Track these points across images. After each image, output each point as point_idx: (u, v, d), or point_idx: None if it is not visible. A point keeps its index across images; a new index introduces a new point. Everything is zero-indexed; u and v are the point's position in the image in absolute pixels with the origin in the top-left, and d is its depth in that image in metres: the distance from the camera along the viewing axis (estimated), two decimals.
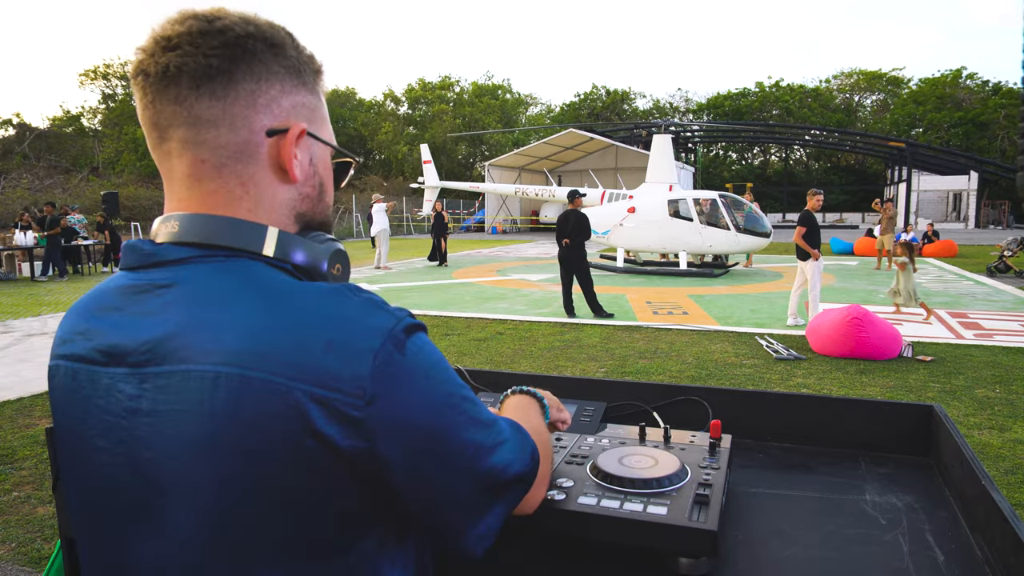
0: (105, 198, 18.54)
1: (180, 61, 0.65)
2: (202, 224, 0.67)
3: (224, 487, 0.60)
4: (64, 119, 48.88)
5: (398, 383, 0.61)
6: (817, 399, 1.38)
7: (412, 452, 0.63)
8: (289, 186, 0.72)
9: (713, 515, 0.89)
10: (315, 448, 0.59)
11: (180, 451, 0.61)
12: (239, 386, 0.58)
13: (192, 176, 0.68)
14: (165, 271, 0.67)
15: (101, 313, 0.69)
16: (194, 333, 0.61)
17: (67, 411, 0.70)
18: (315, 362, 0.59)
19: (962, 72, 48.60)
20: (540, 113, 59.48)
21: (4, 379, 6.09)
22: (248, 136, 0.68)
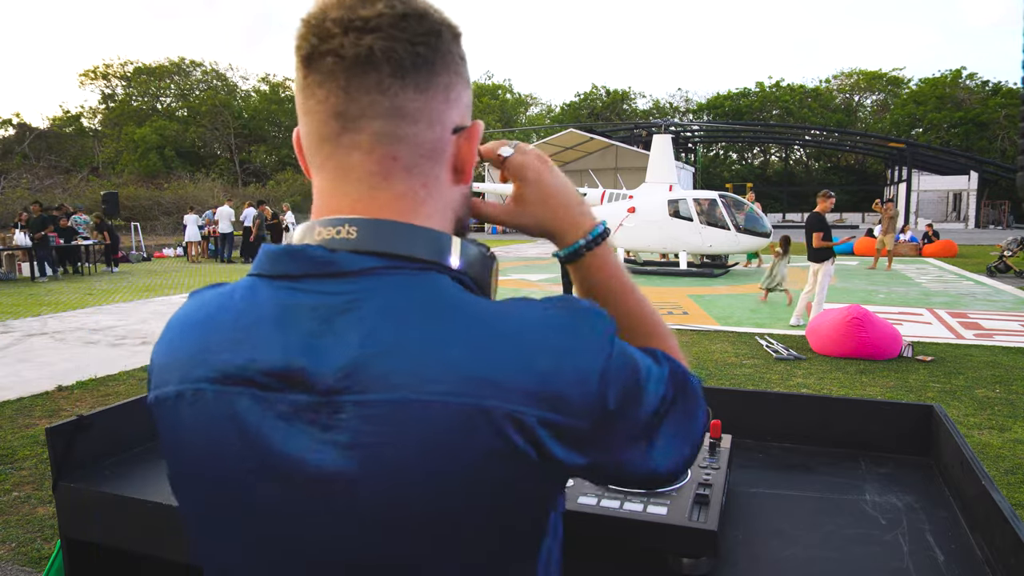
0: (105, 198, 18.54)
1: (386, 45, 0.57)
2: (387, 231, 0.59)
3: (456, 527, 0.55)
4: (64, 119, 48.91)
5: (612, 394, 0.57)
6: (817, 399, 1.38)
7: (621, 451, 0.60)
8: (458, 187, 0.66)
9: (713, 515, 0.89)
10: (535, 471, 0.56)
11: (400, 493, 0.54)
12: (471, 415, 0.53)
13: (379, 175, 0.60)
14: (345, 283, 0.57)
15: (259, 328, 0.58)
16: (403, 357, 0.54)
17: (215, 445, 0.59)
18: (541, 386, 0.54)
19: (962, 72, 48.64)
20: (540, 113, 59.53)
21: (4, 379, 6.09)
22: (441, 134, 0.62)
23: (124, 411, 1.39)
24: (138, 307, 10.60)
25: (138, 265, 19.03)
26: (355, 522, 0.55)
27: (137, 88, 49.24)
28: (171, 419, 0.61)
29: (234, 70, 58.66)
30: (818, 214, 8.16)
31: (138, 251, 20.85)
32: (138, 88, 49.21)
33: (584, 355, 0.56)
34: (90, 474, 1.28)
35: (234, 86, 52.40)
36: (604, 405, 0.56)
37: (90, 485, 1.24)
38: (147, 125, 43.90)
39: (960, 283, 12.62)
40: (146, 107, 48.78)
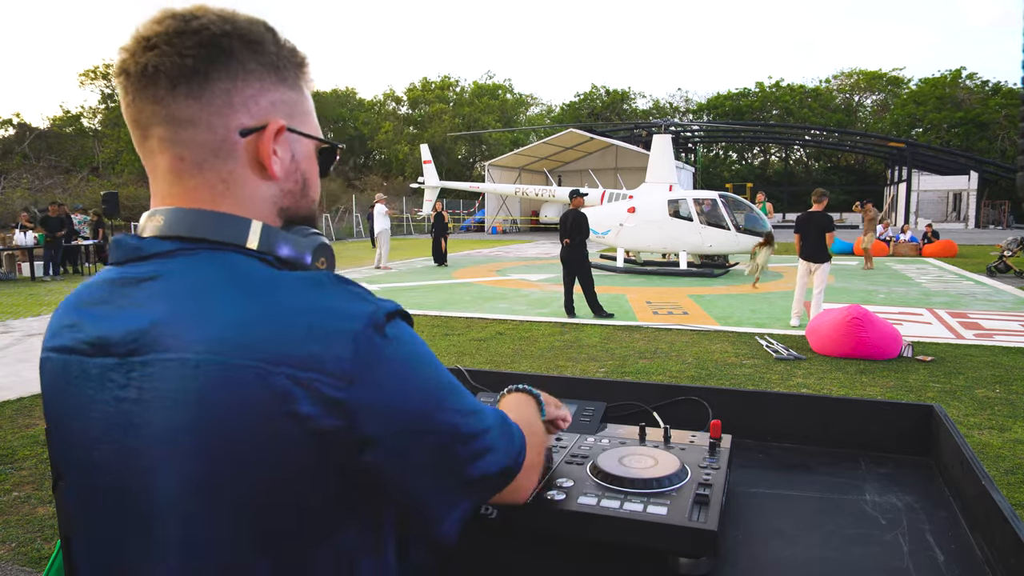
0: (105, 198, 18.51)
1: (157, 61, 0.66)
2: (186, 218, 0.68)
3: (207, 475, 0.61)
4: (64, 119, 48.88)
5: (379, 365, 0.62)
6: (817, 399, 1.38)
7: (391, 434, 0.63)
8: (270, 182, 0.72)
9: (713, 515, 0.89)
10: (296, 430, 0.60)
11: (165, 438, 0.62)
12: (220, 373, 0.60)
13: (173, 172, 0.69)
14: (150, 264, 0.68)
15: (89, 306, 0.70)
16: (177, 323, 0.63)
17: (59, 402, 0.71)
18: (297, 347, 0.60)
19: (962, 72, 48.61)
20: (540, 113, 59.48)
21: (4, 379, 6.09)
22: (225, 135, 0.68)
23: None
24: None
25: None
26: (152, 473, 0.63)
27: None
28: (41, 381, 0.75)
29: None
30: (827, 214, 8.15)
31: None
32: None
33: (339, 323, 0.61)
34: None
35: None
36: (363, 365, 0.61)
37: None
38: None
39: (960, 283, 12.62)
40: None
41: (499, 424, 0.74)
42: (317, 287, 0.64)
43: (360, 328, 0.62)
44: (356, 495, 0.65)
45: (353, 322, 0.62)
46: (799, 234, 8.16)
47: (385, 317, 0.64)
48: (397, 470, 0.65)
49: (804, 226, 8.12)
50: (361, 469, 0.63)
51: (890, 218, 30.26)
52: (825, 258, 8.03)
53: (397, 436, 0.64)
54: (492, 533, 0.98)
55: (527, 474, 0.80)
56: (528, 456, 0.80)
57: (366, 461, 0.63)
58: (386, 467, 0.64)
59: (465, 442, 0.68)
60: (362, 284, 0.67)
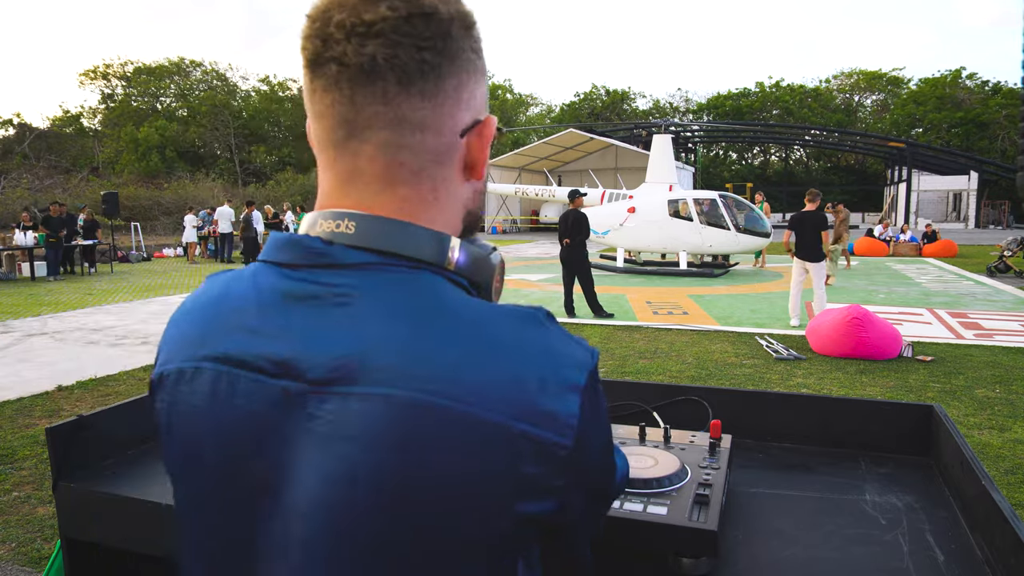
0: (105, 198, 18.53)
1: (389, 53, 0.56)
2: (386, 229, 0.59)
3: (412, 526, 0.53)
4: (64, 119, 48.88)
5: (594, 421, 0.58)
6: (817, 399, 1.38)
7: (591, 485, 0.61)
8: (470, 183, 0.65)
9: (713, 515, 0.89)
10: (523, 489, 0.53)
11: (368, 486, 0.53)
12: (451, 419, 0.52)
13: (385, 180, 0.60)
14: (340, 275, 0.57)
15: (259, 313, 0.59)
16: (392, 354, 0.53)
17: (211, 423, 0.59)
18: (530, 399, 0.53)
19: (962, 72, 48.63)
20: (540, 113, 59.50)
21: (4, 379, 6.09)
22: (451, 139, 0.61)
23: (124, 411, 1.39)
24: (138, 307, 10.60)
25: (138, 265, 19.03)
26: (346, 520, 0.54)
27: (137, 88, 49.19)
28: (169, 395, 0.62)
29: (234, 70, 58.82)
30: (822, 213, 8.16)
31: (138, 251, 20.84)
32: (138, 88, 49.16)
33: (568, 375, 0.56)
34: (90, 474, 1.28)
35: (234, 86, 52.37)
36: (584, 423, 0.56)
37: (90, 485, 1.24)
38: (147, 125, 43.90)
39: (960, 283, 12.62)
40: (146, 107, 48.74)
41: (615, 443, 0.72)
42: (536, 326, 0.57)
43: (586, 382, 0.56)
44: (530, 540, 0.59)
45: (580, 374, 0.56)
46: (793, 232, 8.17)
47: (597, 366, 0.59)
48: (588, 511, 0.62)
49: (798, 225, 8.13)
50: (560, 517, 0.58)
51: (890, 218, 30.25)
52: (820, 256, 8.05)
53: (595, 488, 0.62)
54: None
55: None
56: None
57: (567, 510, 0.58)
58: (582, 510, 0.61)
59: (615, 474, 0.68)
60: None
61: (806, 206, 8.25)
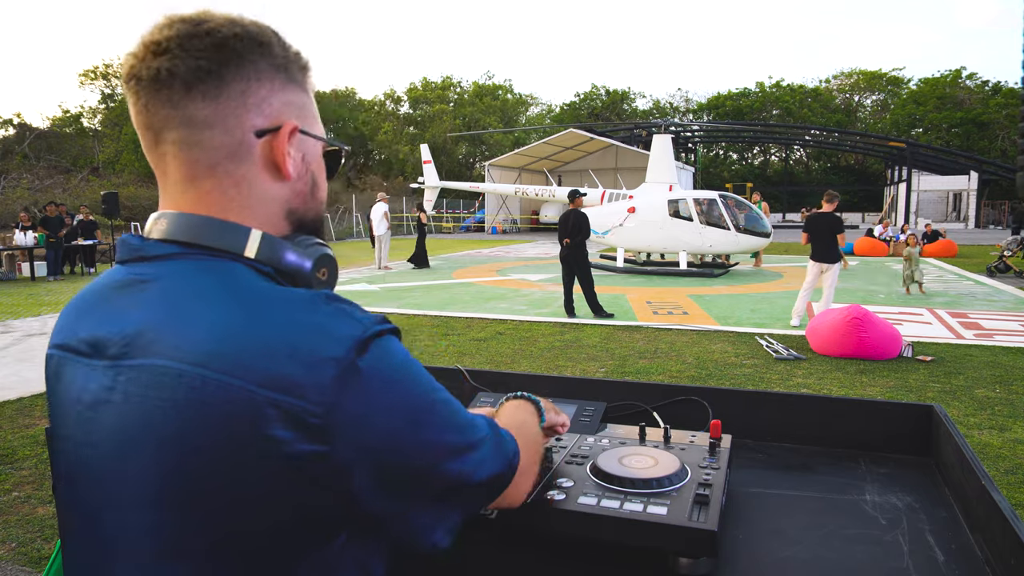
0: (105, 198, 18.51)
1: (171, 64, 0.66)
2: (189, 223, 0.68)
3: (178, 482, 0.61)
4: (64, 119, 48.88)
5: (361, 389, 0.61)
6: (817, 399, 1.38)
7: (375, 455, 0.62)
8: (282, 184, 0.72)
9: (713, 515, 0.89)
10: (269, 451, 0.59)
11: (142, 443, 0.62)
12: (200, 386, 0.59)
13: (187, 177, 0.69)
14: (149, 266, 0.68)
15: (92, 305, 0.71)
16: (168, 329, 0.63)
17: (55, 400, 0.72)
18: (278, 368, 0.59)
19: (962, 72, 48.62)
20: (540, 113, 59.48)
21: (4, 379, 6.09)
22: (241, 136, 0.69)
23: None
24: None
25: None
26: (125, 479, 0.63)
27: None
28: (45, 377, 0.76)
29: None
30: (836, 215, 8.13)
31: None
32: None
33: (323, 347, 0.60)
34: None
35: None
36: (343, 392, 0.60)
37: None
38: None
39: (960, 283, 12.62)
40: None
41: (491, 434, 0.74)
42: (307, 304, 0.64)
43: (343, 353, 0.61)
44: (340, 514, 0.63)
45: (337, 346, 0.61)
46: (809, 234, 8.13)
47: (372, 337, 0.63)
48: (380, 490, 0.64)
49: (814, 227, 8.08)
50: (343, 491, 0.62)
51: (890, 218, 30.24)
52: (836, 258, 8.02)
53: (382, 456, 0.63)
54: (491, 534, 0.98)
55: (522, 478, 0.81)
56: (522, 461, 0.80)
57: (348, 484, 0.62)
58: (370, 488, 0.63)
59: (455, 455, 0.68)
60: (362, 284, 0.66)
61: (823, 207, 8.21)
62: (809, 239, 8.13)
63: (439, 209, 35.34)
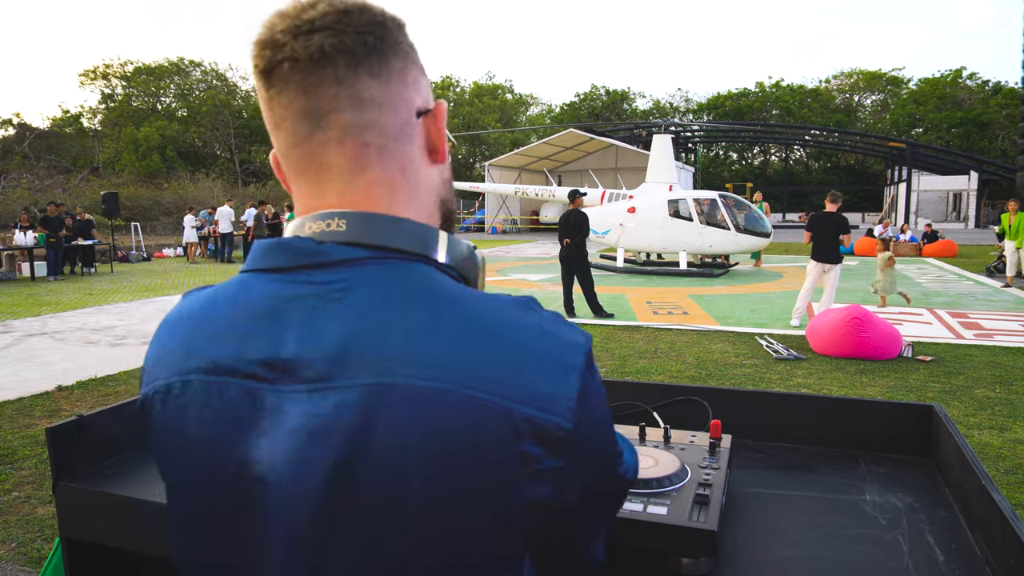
0: (105, 198, 18.52)
1: (335, 40, 0.60)
2: (375, 224, 0.61)
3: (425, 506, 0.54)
4: (64, 119, 48.87)
5: (592, 403, 0.59)
6: (817, 399, 1.38)
7: (590, 471, 0.61)
8: (437, 168, 0.68)
9: (713, 515, 0.89)
10: (521, 470, 0.55)
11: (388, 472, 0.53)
12: (454, 402, 0.53)
13: (354, 165, 0.62)
14: (335, 272, 0.58)
15: (249, 320, 0.59)
16: (392, 342, 0.54)
17: (206, 435, 0.59)
18: (528, 381, 0.55)
19: (962, 72, 48.64)
20: (540, 113, 59.49)
21: (4, 379, 6.09)
22: (407, 117, 0.64)
23: (124, 411, 1.39)
24: (138, 307, 10.60)
25: (138, 265, 19.03)
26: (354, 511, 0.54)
27: (137, 88, 49.16)
28: (160, 412, 0.62)
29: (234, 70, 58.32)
30: (840, 215, 8.11)
31: (138, 251, 20.85)
32: (138, 88, 49.12)
33: (565, 357, 0.57)
34: (90, 474, 1.28)
35: (234, 86, 52.32)
36: (583, 404, 0.57)
37: (90, 485, 1.24)
38: (147, 125, 43.89)
39: (960, 283, 12.62)
40: (146, 107, 48.72)
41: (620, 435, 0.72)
42: (529, 311, 0.59)
43: (583, 364, 0.58)
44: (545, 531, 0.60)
45: (576, 356, 0.58)
46: (812, 234, 8.11)
47: (588, 352, 0.60)
48: (586, 497, 0.62)
49: (818, 227, 8.06)
50: (561, 503, 0.59)
51: (890, 218, 30.24)
52: (838, 259, 8.01)
53: (593, 468, 0.62)
54: None
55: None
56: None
57: (566, 495, 0.59)
58: (579, 496, 0.61)
59: (620, 457, 0.68)
60: None
61: (827, 207, 8.19)
62: (811, 239, 8.12)
63: None
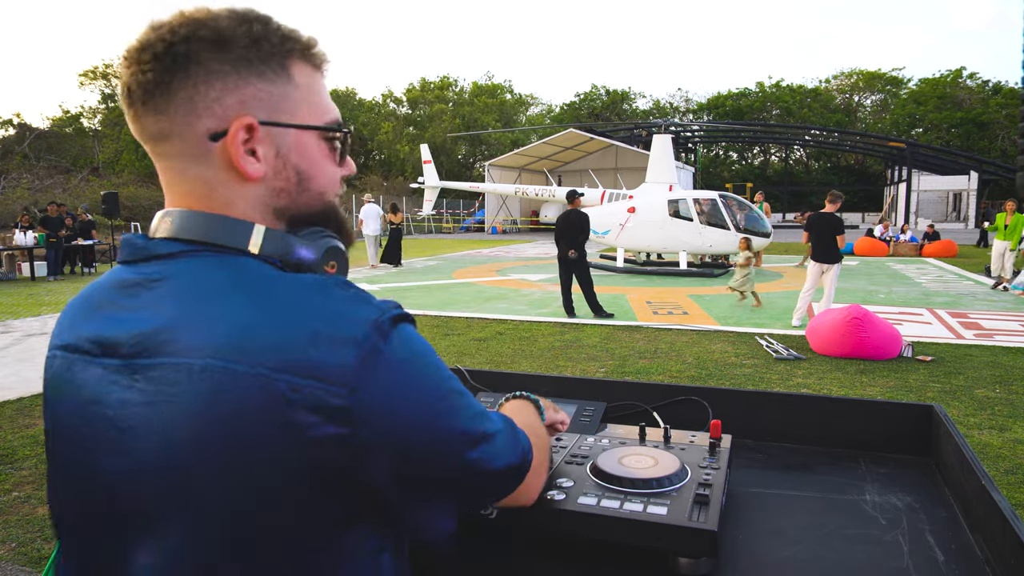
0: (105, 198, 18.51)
1: (129, 79, 0.67)
2: (192, 220, 0.68)
3: (206, 479, 0.60)
4: (64, 119, 48.85)
5: (383, 372, 0.61)
6: (817, 399, 1.38)
7: (396, 440, 0.62)
8: (253, 184, 0.70)
9: (713, 515, 0.89)
10: (294, 438, 0.59)
11: (167, 442, 0.61)
12: (224, 379, 0.59)
13: (166, 182, 0.71)
14: (157, 265, 0.68)
15: (97, 306, 0.70)
16: (183, 327, 0.63)
17: (60, 401, 0.70)
18: (299, 354, 0.59)
19: (962, 72, 48.61)
20: (540, 113, 59.46)
21: (4, 379, 6.09)
22: (196, 141, 0.67)
23: None
24: None
25: None
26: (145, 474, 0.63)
27: None
28: (44, 378, 0.74)
29: None
30: (836, 215, 8.11)
31: None
32: None
33: (343, 329, 0.61)
34: None
35: None
36: (366, 374, 0.60)
37: None
38: None
39: (960, 283, 12.61)
40: None
41: (506, 426, 0.74)
42: (321, 290, 0.64)
43: (364, 334, 0.61)
44: (358, 500, 0.63)
45: (357, 328, 0.61)
46: (810, 234, 8.12)
47: (390, 321, 0.63)
48: (400, 476, 0.64)
49: (815, 227, 8.06)
50: (363, 476, 0.62)
51: (890, 218, 30.25)
52: (836, 259, 8.01)
53: (402, 442, 0.63)
54: (491, 534, 0.98)
55: (535, 476, 0.81)
56: (535, 457, 0.80)
57: (370, 467, 0.62)
58: (390, 473, 0.63)
59: (473, 444, 0.68)
60: (362, 284, 0.66)
61: (826, 207, 8.19)
62: (810, 239, 8.13)
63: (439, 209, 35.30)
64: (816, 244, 8.05)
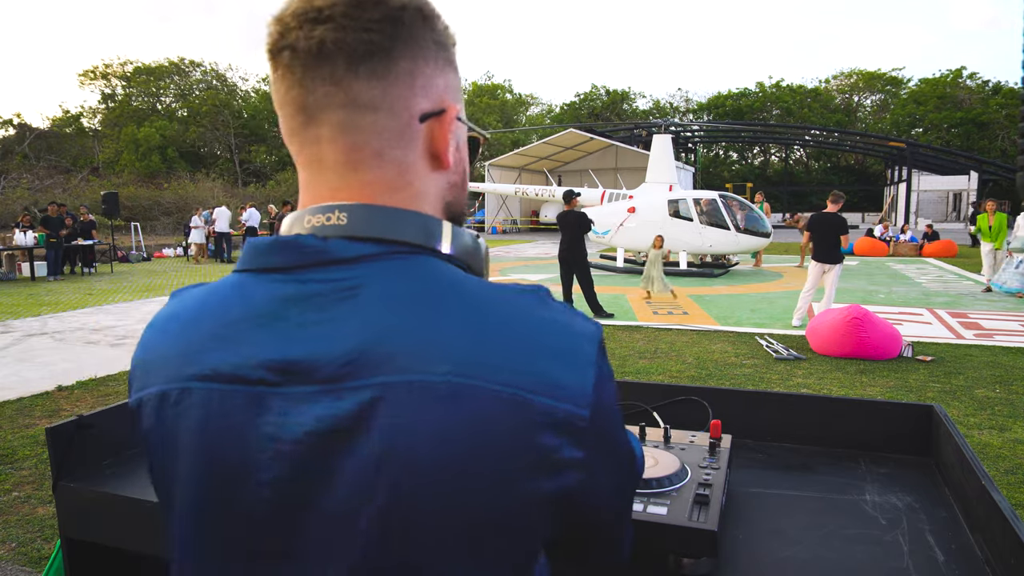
0: (105, 198, 18.52)
1: (337, 36, 0.57)
2: (376, 216, 0.59)
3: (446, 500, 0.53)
4: (64, 119, 48.86)
5: (605, 392, 0.58)
6: (817, 399, 1.38)
7: (613, 460, 0.61)
8: (441, 173, 0.64)
9: (713, 515, 0.89)
10: (540, 462, 0.54)
11: (406, 469, 0.52)
12: (469, 396, 0.52)
13: (347, 164, 0.60)
14: (342, 270, 0.57)
15: (251, 323, 0.57)
16: (406, 339, 0.53)
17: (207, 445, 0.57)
18: (544, 371, 0.54)
19: (962, 72, 48.63)
20: (540, 113, 59.49)
21: (4, 379, 6.09)
22: (408, 120, 0.60)
23: (124, 411, 1.39)
24: (138, 307, 10.60)
25: (138, 265, 19.02)
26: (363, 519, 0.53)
27: (137, 88, 49.17)
28: (155, 421, 0.60)
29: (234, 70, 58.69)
30: (840, 215, 8.11)
31: (138, 251, 20.85)
32: (138, 88, 49.13)
33: (580, 346, 0.57)
34: (90, 474, 1.28)
35: (234, 86, 52.37)
36: (599, 394, 0.57)
37: (90, 485, 1.24)
38: (147, 125, 43.89)
39: (960, 283, 12.61)
40: (146, 107, 48.72)
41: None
42: (537, 301, 0.58)
43: (595, 352, 0.57)
44: (572, 522, 0.60)
45: (589, 345, 0.57)
46: (811, 234, 8.12)
47: (601, 344, 0.59)
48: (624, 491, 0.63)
49: (817, 227, 8.05)
50: (591, 495, 0.59)
51: (890, 218, 30.26)
52: (838, 259, 8.01)
53: (616, 460, 0.62)
54: None
55: None
56: None
57: (596, 488, 0.59)
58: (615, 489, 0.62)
59: (636, 457, 0.67)
60: None
61: (828, 207, 8.18)
62: (811, 239, 8.13)
63: None
64: (818, 244, 8.05)
